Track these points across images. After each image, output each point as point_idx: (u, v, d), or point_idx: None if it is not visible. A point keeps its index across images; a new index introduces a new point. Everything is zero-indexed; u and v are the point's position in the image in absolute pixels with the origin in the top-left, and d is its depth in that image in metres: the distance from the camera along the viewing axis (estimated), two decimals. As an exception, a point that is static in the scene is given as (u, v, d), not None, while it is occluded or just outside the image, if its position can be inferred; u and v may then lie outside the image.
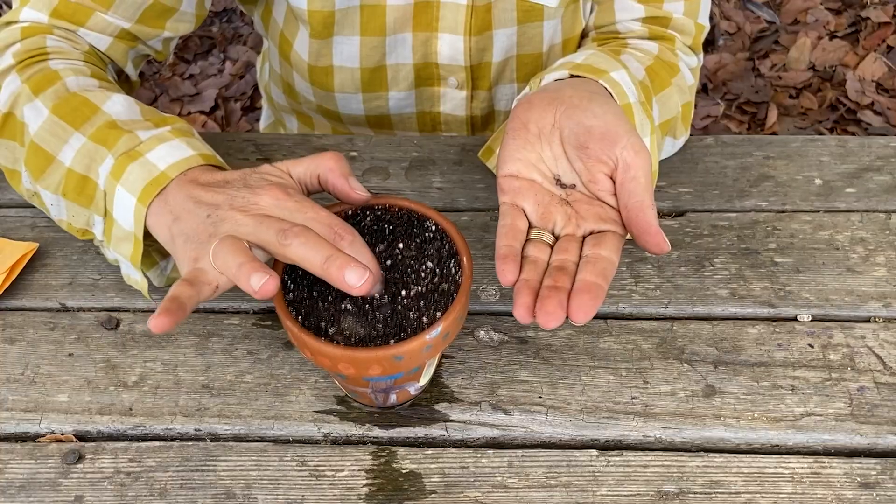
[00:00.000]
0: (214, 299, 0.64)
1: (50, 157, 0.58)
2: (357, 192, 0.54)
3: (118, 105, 0.59)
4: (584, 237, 0.53)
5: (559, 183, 0.55)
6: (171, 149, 0.55)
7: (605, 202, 0.54)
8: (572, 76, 0.61)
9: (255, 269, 0.47)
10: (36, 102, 0.59)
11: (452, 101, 0.83)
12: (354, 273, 0.47)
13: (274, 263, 0.52)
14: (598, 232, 0.53)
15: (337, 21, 0.74)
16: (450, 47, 0.77)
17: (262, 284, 0.46)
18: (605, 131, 0.52)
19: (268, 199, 0.51)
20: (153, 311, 0.64)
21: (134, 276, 0.58)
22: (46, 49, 0.63)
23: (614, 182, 0.53)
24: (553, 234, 0.54)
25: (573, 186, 0.55)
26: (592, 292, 0.48)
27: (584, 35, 0.81)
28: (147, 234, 0.55)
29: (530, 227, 0.55)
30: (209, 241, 0.50)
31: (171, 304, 0.47)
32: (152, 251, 0.60)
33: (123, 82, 0.72)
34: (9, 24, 0.66)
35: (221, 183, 0.53)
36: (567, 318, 0.48)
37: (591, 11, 0.78)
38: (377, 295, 0.51)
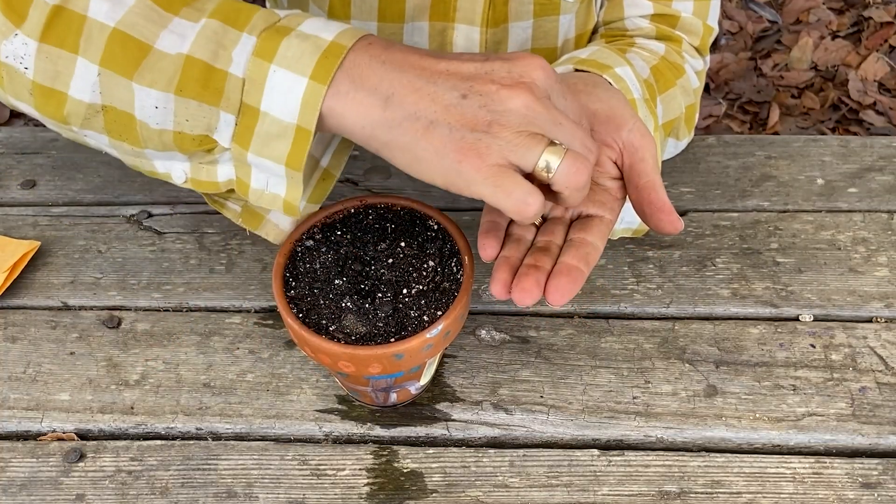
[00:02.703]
0: (215, 299, 0.64)
1: (145, 46, 0.46)
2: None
3: None
4: (571, 221, 0.53)
5: None
6: (325, 23, 0.45)
7: (601, 185, 0.53)
8: (577, 70, 0.61)
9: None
10: None
11: None
12: None
13: (275, 262, 0.52)
14: (587, 216, 0.53)
15: (354, 3, 0.73)
16: (465, 38, 0.76)
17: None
18: (610, 115, 0.52)
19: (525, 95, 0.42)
20: (155, 310, 0.64)
21: (279, 190, 0.47)
22: None
23: (618, 166, 0.53)
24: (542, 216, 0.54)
25: None
26: (572, 275, 0.48)
27: (593, 31, 0.80)
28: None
29: None
30: (489, 129, 0.42)
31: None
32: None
33: None
34: None
35: (437, 51, 0.44)
36: (544, 299, 0.48)
37: (601, 7, 0.78)
38: (379, 295, 0.51)
